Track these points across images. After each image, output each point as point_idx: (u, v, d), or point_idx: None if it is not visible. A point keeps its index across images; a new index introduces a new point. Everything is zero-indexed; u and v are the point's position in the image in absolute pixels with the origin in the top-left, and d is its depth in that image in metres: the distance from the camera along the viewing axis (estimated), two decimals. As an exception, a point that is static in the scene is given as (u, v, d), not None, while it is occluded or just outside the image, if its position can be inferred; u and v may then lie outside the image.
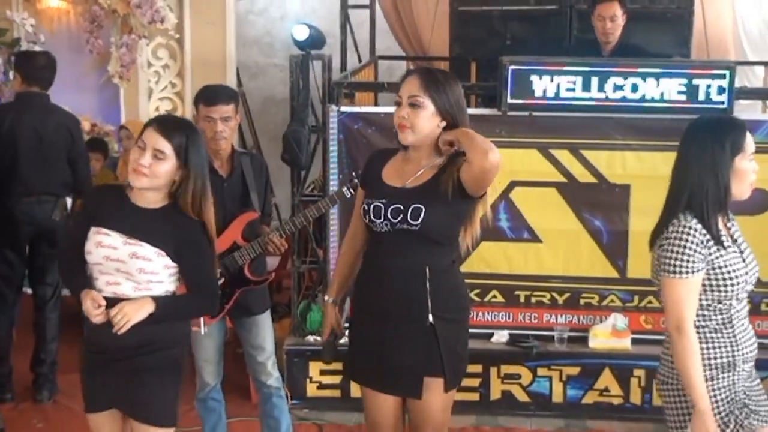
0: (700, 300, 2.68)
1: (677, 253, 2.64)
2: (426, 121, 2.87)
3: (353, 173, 3.97)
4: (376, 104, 5.86)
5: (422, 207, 2.83)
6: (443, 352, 2.88)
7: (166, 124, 2.78)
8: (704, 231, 2.65)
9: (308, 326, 5.00)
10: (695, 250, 2.64)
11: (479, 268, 4.72)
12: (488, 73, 5.12)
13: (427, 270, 2.84)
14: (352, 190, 3.65)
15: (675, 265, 2.65)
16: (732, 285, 2.69)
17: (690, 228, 2.65)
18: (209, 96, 3.64)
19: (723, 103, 4.50)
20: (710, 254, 2.67)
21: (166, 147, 2.74)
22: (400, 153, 2.98)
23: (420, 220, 2.82)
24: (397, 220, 2.85)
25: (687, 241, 2.64)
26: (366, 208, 2.93)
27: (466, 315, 3.05)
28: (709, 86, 4.45)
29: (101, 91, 5.83)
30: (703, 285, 2.68)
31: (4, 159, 4.62)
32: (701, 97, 4.48)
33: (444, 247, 2.85)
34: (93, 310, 2.70)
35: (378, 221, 2.88)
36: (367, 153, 4.25)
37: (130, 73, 4.87)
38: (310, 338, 4.77)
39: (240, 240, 3.69)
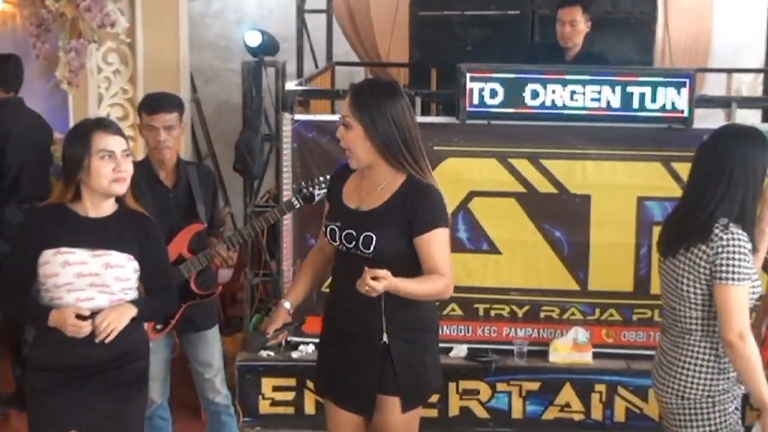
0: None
1: (737, 260, 2.73)
2: (359, 144, 2.83)
3: (304, 183, 3.88)
4: (332, 112, 5.83)
5: (373, 236, 2.83)
6: (399, 371, 2.91)
7: (110, 123, 2.82)
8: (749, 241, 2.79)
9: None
10: (749, 259, 2.75)
11: (437, 280, 4.75)
12: (449, 80, 5.14)
13: None
14: (301, 201, 3.72)
15: (735, 272, 2.72)
16: (753, 296, 2.82)
17: (743, 236, 2.75)
18: (151, 104, 3.65)
19: (683, 111, 4.53)
20: None
21: (124, 144, 2.79)
22: (358, 169, 2.99)
23: (372, 248, 2.83)
24: (351, 245, 2.88)
25: (744, 248, 2.73)
26: (324, 228, 2.98)
27: (427, 335, 3.05)
28: (667, 94, 4.46)
29: (48, 98, 5.80)
30: None
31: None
32: (661, 104, 4.50)
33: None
34: (77, 322, 2.69)
35: (335, 243, 2.94)
36: (322, 162, 4.55)
37: (79, 78, 4.85)
38: (263, 353, 4.77)
39: (186, 252, 3.71)
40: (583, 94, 4.51)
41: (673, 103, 4.50)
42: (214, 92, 7.57)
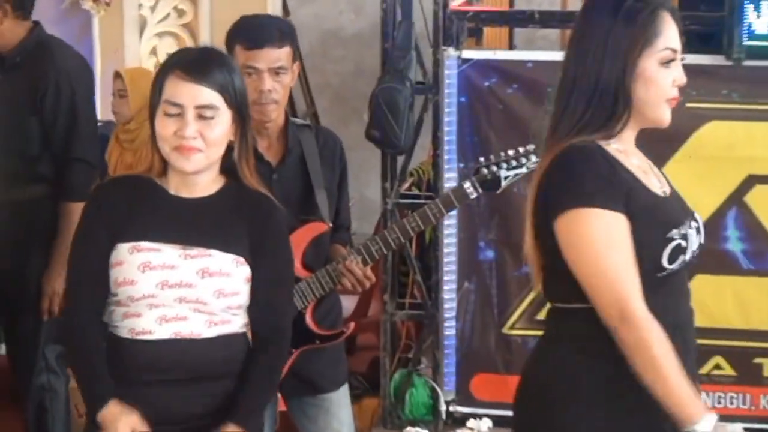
0: None
1: None
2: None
3: (483, 159, 3.51)
4: (510, 47, 5.55)
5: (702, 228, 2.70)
6: None
7: (196, 64, 2.66)
8: None
9: (408, 411, 4.71)
10: None
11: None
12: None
13: None
14: (479, 188, 3.47)
15: None
16: None
17: None
18: (252, 34, 3.41)
19: None
20: None
21: (214, 97, 2.63)
22: (612, 142, 2.61)
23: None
24: (693, 256, 2.62)
25: None
26: (662, 239, 2.53)
27: None
28: None
29: (62, 22, 5.46)
30: None
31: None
32: None
33: None
34: None
35: (673, 264, 2.57)
36: (506, 126, 4.41)
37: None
38: (411, 430, 4.51)
39: (298, 268, 3.33)
40: None
41: None
42: (316, 15, 7.23)
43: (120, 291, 2.67)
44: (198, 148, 2.62)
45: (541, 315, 3.75)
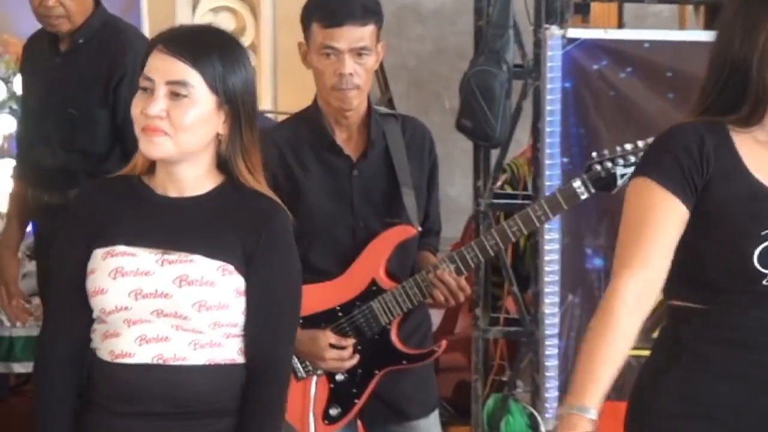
0: None
1: None
2: None
3: (596, 154, 3.42)
4: (619, 24, 5.35)
5: None
6: None
7: (182, 38, 2.63)
8: None
9: (503, 442, 4.62)
10: None
11: None
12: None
13: None
14: (591, 187, 3.41)
15: None
16: None
17: None
18: (332, 9, 3.36)
19: None
20: None
21: (190, 74, 2.54)
22: (754, 130, 2.60)
23: None
24: None
25: None
26: (754, 235, 2.52)
27: None
28: None
29: None
30: None
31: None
32: None
33: None
34: None
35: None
36: (620, 117, 4.41)
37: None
38: None
39: (383, 278, 3.41)
40: None
41: None
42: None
43: (93, 303, 2.58)
44: (162, 129, 2.49)
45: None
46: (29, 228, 4.34)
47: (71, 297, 2.62)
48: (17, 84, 4.87)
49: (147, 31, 4.95)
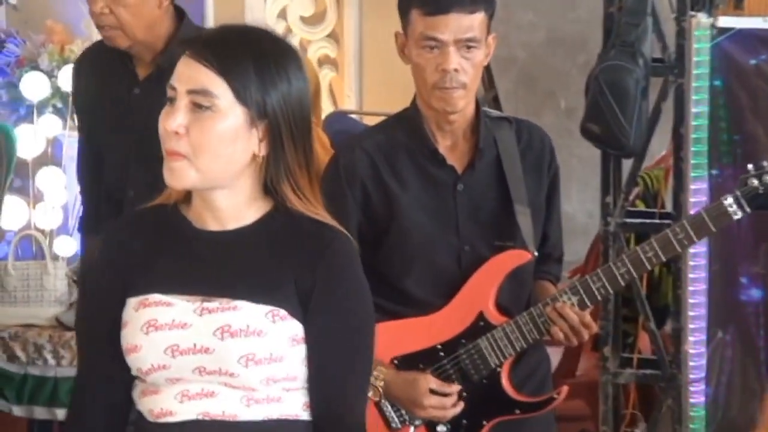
0: None
1: None
2: None
3: (750, 166, 3.26)
4: None
5: None
6: None
7: (212, 41, 2.53)
8: None
9: None
10: None
11: None
12: None
13: None
14: (746, 206, 3.31)
15: None
16: None
17: None
18: None
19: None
20: None
21: (214, 83, 2.43)
22: None
23: None
24: None
25: None
26: None
27: None
28: None
29: None
30: None
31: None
32: None
33: None
34: None
35: None
36: None
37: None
38: None
39: (492, 311, 3.32)
40: None
41: None
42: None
43: (129, 361, 2.51)
44: (180, 153, 2.35)
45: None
46: (77, 248, 4.22)
47: (107, 354, 2.54)
48: (62, 79, 4.77)
49: (211, 18, 5.02)
